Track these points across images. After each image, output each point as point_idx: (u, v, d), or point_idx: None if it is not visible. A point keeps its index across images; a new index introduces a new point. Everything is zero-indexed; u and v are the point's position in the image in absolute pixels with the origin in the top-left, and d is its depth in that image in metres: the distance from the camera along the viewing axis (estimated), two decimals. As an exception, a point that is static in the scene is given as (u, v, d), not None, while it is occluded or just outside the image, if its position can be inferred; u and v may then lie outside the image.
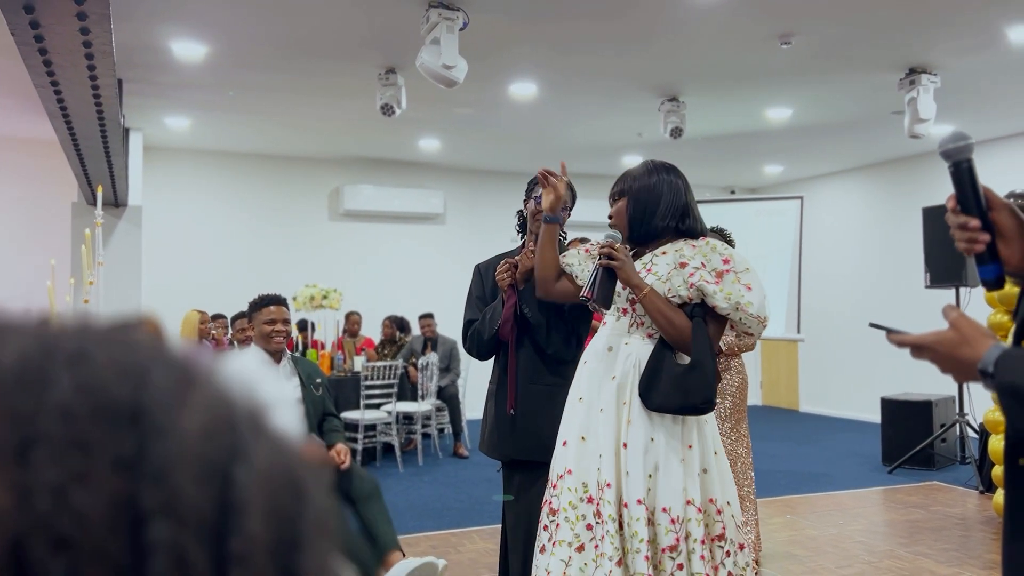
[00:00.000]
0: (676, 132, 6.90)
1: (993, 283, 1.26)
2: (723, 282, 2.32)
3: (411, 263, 9.82)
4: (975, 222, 1.26)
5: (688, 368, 2.28)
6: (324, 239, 9.62)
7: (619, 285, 2.41)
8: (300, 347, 7.57)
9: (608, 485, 2.31)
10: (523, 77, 6.38)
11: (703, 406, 2.30)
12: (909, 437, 6.92)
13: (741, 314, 2.32)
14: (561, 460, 2.43)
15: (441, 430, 8.03)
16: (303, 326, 7.71)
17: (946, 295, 6.82)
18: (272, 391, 3.67)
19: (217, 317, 7.33)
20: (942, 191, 8.69)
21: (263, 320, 3.67)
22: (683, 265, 2.35)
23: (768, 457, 7.32)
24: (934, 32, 5.37)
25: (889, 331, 1.28)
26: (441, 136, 8.49)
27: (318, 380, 3.95)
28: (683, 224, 2.44)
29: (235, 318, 6.38)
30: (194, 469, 0.30)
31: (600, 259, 2.35)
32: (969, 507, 5.61)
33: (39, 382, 0.30)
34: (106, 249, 7.16)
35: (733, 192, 11.22)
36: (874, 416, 8.48)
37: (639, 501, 2.27)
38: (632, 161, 9.44)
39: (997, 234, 1.27)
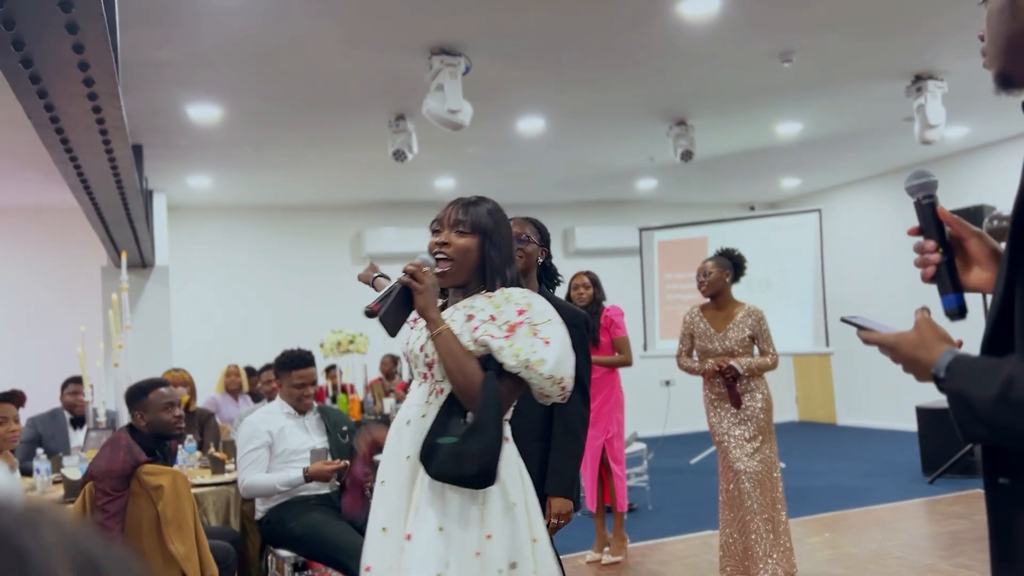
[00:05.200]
0: (687, 155, 6.94)
1: (956, 313, 1.27)
2: (514, 336, 1.94)
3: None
4: (930, 243, 1.28)
5: (467, 431, 1.88)
6: (348, 284, 9.70)
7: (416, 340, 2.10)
8: (330, 393, 7.64)
9: None
10: (529, 113, 6.48)
11: (476, 479, 1.86)
12: (948, 445, 6.74)
13: (531, 373, 1.91)
14: (366, 554, 2.00)
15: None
16: (331, 372, 7.79)
17: (972, 298, 6.73)
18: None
19: (251, 372, 7.42)
20: (962, 194, 8.62)
21: (293, 384, 3.84)
22: (470, 318, 2.01)
23: (805, 474, 7.23)
24: (936, 37, 5.37)
25: (860, 327, 1.28)
26: (456, 175, 8.60)
27: (344, 428, 4.01)
28: (514, 279, 2.11)
29: (262, 370, 6.47)
30: None
31: (402, 276, 1.99)
32: (1013, 514, 5.49)
33: None
34: (135, 310, 7.33)
35: (753, 208, 11.19)
36: (912, 425, 8.35)
37: None
38: (647, 185, 9.47)
39: (971, 261, 1.28)
